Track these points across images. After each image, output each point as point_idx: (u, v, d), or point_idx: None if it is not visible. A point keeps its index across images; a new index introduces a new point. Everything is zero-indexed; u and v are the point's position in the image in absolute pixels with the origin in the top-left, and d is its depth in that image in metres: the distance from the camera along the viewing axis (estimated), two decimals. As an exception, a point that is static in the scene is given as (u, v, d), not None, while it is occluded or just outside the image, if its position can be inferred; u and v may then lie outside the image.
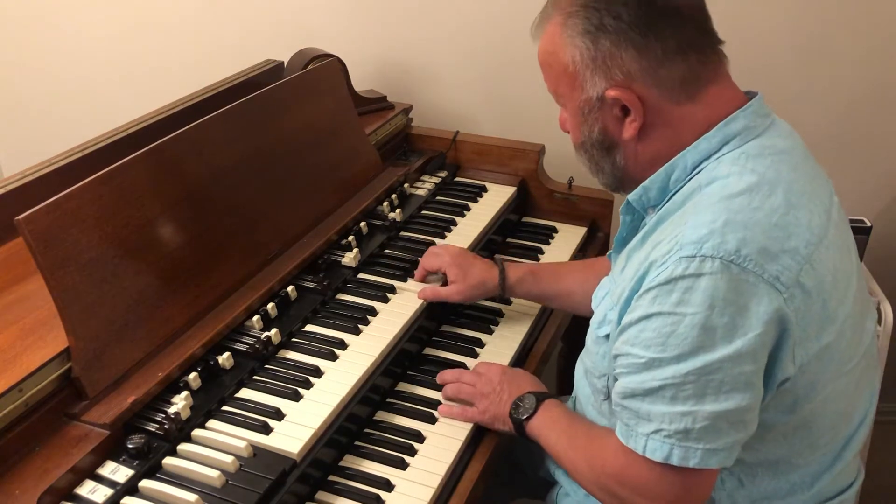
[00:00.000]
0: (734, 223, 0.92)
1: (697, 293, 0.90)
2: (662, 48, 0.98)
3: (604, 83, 1.00)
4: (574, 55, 1.01)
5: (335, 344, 1.32)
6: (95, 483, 1.05)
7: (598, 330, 1.13)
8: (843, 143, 1.92)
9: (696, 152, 1.01)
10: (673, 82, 0.99)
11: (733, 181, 0.96)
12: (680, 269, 0.92)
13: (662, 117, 1.01)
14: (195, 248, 1.31)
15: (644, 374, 0.95)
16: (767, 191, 0.95)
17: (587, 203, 1.81)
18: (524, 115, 2.12)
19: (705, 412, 0.92)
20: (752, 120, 1.01)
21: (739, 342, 0.90)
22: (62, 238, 1.13)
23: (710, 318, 0.90)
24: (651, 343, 0.94)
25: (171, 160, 1.32)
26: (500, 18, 2.03)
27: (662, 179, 1.04)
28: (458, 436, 1.24)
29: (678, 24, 0.98)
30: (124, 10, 2.38)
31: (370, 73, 2.16)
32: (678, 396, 0.93)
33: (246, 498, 1.04)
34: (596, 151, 1.08)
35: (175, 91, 1.80)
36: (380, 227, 1.63)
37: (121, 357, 1.17)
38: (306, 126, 1.60)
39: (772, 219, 0.93)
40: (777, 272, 0.91)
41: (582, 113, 1.05)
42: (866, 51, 1.84)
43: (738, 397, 0.92)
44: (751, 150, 0.99)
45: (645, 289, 0.95)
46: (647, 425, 0.96)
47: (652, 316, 0.94)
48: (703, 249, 0.91)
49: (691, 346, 0.91)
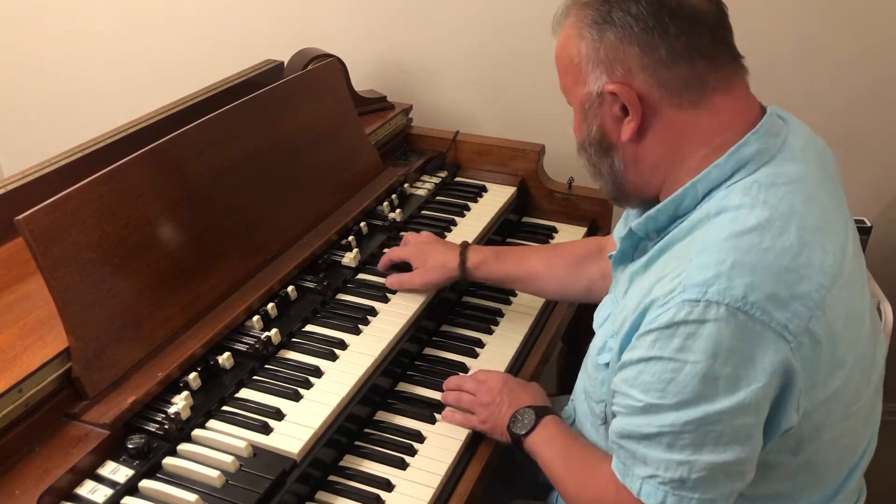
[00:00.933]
0: (742, 265, 0.86)
1: (700, 340, 0.86)
2: (668, 49, 0.93)
3: (605, 77, 0.97)
4: (580, 46, 0.98)
5: (335, 344, 1.32)
6: (95, 483, 1.05)
7: (599, 357, 1.09)
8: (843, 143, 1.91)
9: (708, 180, 0.96)
10: (676, 85, 0.95)
11: (743, 215, 0.90)
12: (682, 313, 0.87)
13: (662, 120, 0.97)
14: (195, 248, 1.31)
15: (641, 418, 0.92)
16: (779, 228, 0.89)
17: (587, 203, 1.81)
18: (524, 115, 2.12)
19: (702, 462, 0.89)
20: (764, 142, 0.96)
21: (742, 394, 0.86)
22: (62, 238, 1.13)
23: (712, 367, 0.86)
24: (650, 388, 0.91)
25: (171, 160, 1.32)
26: (501, 18, 2.03)
27: (671, 209, 0.99)
28: (458, 436, 1.24)
29: (689, 28, 0.94)
30: (124, 10, 2.38)
31: (370, 73, 2.16)
32: (675, 444, 0.90)
33: (246, 498, 1.04)
34: (594, 152, 1.04)
35: (175, 91, 1.80)
36: (380, 227, 1.63)
37: (121, 357, 1.17)
38: (306, 126, 1.60)
39: (783, 261, 0.88)
40: (786, 320, 0.86)
41: (583, 109, 1.01)
42: (866, 50, 1.84)
43: (738, 449, 0.89)
44: (763, 179, 0.93)
45: (645, 329, 0.91)
46: (643, 468, 0.94)
47: (651, 360, 0.90)
48: (708, 294, 0.86)
49: (692, 396, 0.88)
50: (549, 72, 2.14)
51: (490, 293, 1.58)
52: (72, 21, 2.46)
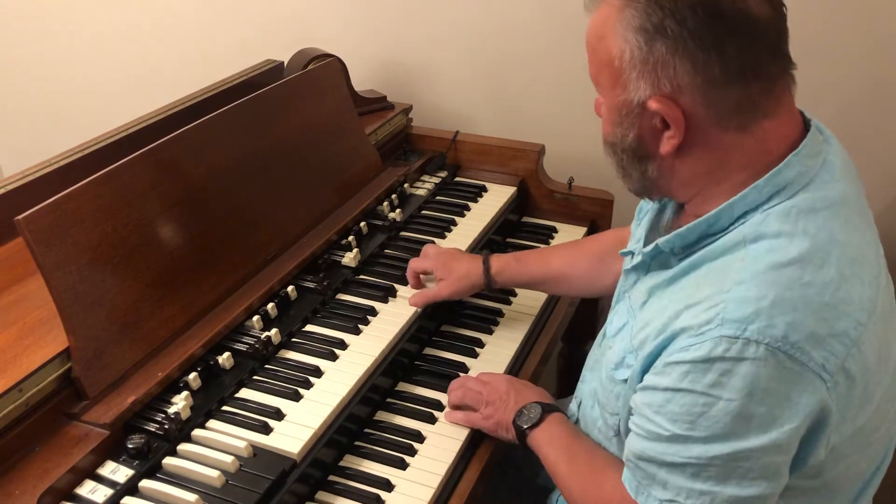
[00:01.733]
0: (783, 303, 0.83)
1: (737, 378, 0.83)
2: (723, 69, 0.86)
3: (649, 90, 0.89)
4: (623, 50, 0.90)
5: (335, 344, 1.32)
6: (95, 483, 1.05)
7: (616, 372, 1.04)
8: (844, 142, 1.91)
9: (744, 203, 0.91)
10: (726, 108, 0.89)
11: (783, 245, 0.87)
12: (720, 349, 0.84)
13: (705, 140, 0.91)
14: (195, 247, 1.31)
15: (666, 446, 0.90)
16: (820, 261, 0.86)
17: (587, 203, 1.81)
18: (524, 115, 2.12)
19: (725, 495, 0.87)
20: (804, 164, 0.91)
21: (775, 433, 0.84)
22: (62, 238, 1.13)
23: (747, 406, 0.84)
24: (678, 419, 0.88)
25: (171, 160, 1.32)
26: (501, 18, 2.03)
27: (704, 229, 0.94)
28: (458, 436, 1.24)
29: (747, 45, 0.86)
30: (124, 11, 2.38)
31: (370, 73, 2.16)
32: (700, 475, 0.88)
33: (246, 498, 1.04)
34: (626, 157, 0.98)
35: (175, 91, 1.80)
36: (380, 227, 1.63)
37: (121, 357, 1.17)
38: (306, 126, 1.60)
39: (823, 297, 0.85)
40: (823, 360, 0.84)
41: (619, 113, 0.94)
42: (866, 50, 1.83)
43: (763, 485, 0.87)
44: (802, 204, 0.89)
45: (676, 359, 0.88)
46: (661, 492, 0.92)
47: (681, 391, 0.87)
48: (747, 332, 0.83)
49: (723, 431, 0.85)
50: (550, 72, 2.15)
51: (490, 293, 1.57)
52: (72, 21, 2.46)
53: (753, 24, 0.87)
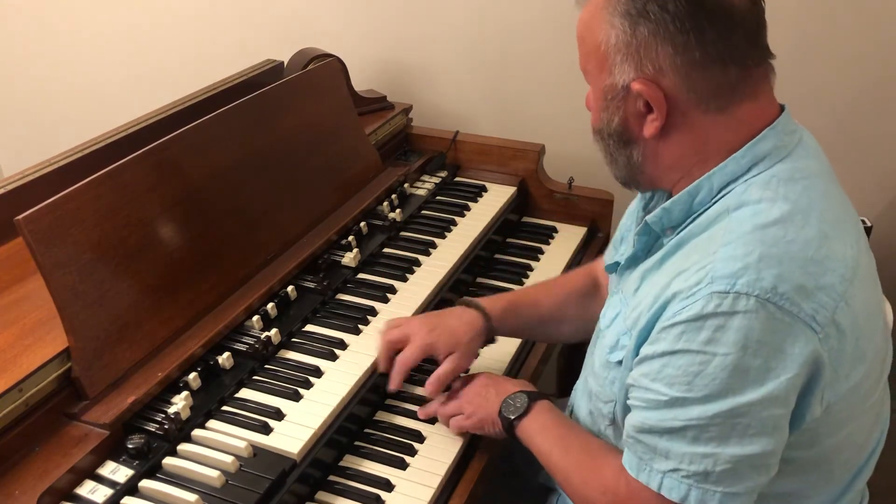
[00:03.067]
0: (770, 257, 0.86)
1: (730, 332, 0.85)
2: (702, 52, 0.90)
3: (632, 72, 0.94)
4: (609, 35, 0.94)
5: (335, 344, 1.32)
6: (95, 483, 1.05)
7: (611, 355, 1.06)
8: (843, 143, 1.92)
9: (724, 174, 0.95)
10: (705, 89, 0.92)
11: (765, 208, 0.90)
12: (711, 305, 0.86)
13: (687, 122, 0.95)
14: (195, 247, 1.31)
15: (665, 412, 0.91)
16: (801, 221, 0.89)
17: (587, 203, 1.81)
18: (524, 115, 2.12)
19: (728, 455, 0.88)
20: (780, 138, 0.95)
21: (771, 385, 0.86)
22: (62, 238, 1.13)
23: (742, 359, 0.85)
24: (675, 381, 0.89)
25: (171, 160, 1.32)
26: (501, 18, 2.03)
27: (686, 201, 0.98)
28: (458, 436, 1.24)
29: (726, 30, 0.91)
30: (124, 11, 2.39)
31: (370, 73, 2.17)
32: (700, 437, 0.89)
33: (246, 498, 1.04)
34: (612, 142, 1.01)
35: (175, 91, 1.81)
36: (380, 227, 1.63)
37: (121, 357, 1.17)
38: (306, 126, 1.60)
39: (807, 252, 0.88)
40: (813, 311, 0.86)
41: (605, 98, 0.98)
42: (866, 50, 1.83)
43: (764, 441, 0.88)
44: (781, 174, 0.93)
45: (670, 322, 0.90)
46: (664, 462, 0.92)
47: (677, 353, 0.89)
48: (737, 285, 0.85)
49: (720, 388, 0.86)
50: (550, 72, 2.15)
51: (489, 293, 1.57)
52: (72, 21, 2.46)
53: (732, 12, 0.91)
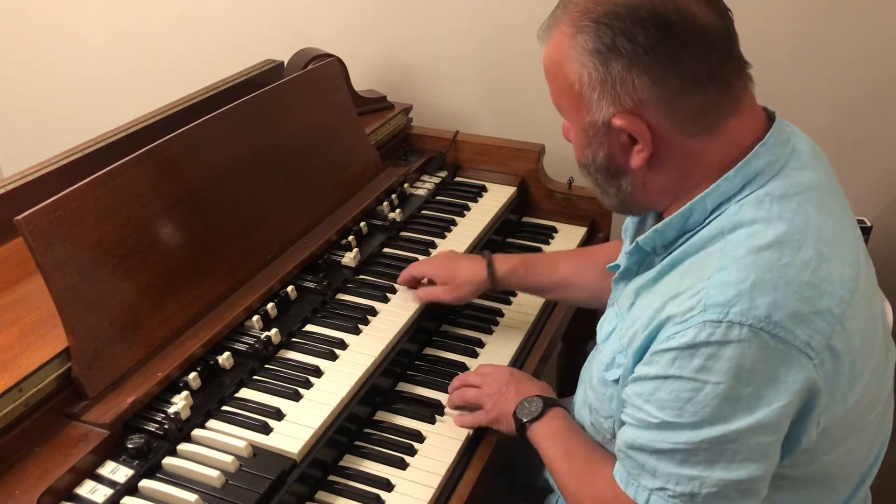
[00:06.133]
0: (764, 284, 0.85)
1: (722, 362, 0.85)
2: (680, 78, 0.88)
3: (611, 109, 0.92)
4: (581, 74, 0.92)
5: (335, 344, 1.32)
6: (95, 483, 1.05)
7: (607, 373, 1.06)
8: (843, 143, 1.92)
9: (717, 194, 0.93)
10: (688, 114, 0.91)
11: (760, 230, 0.89)
12: (704, 334, 0.85)
13: (674, 149, 0.93)
14: (195, 247, 1.31)
15: (655, 434, 0.91)
16: (797, 242, 0.88)
17: (587, 203, 1.81)
18: (524, 115, 2.12)
19: (715, 479, 0.88)
20: (773, 153, 0.93)
21: (762, 413, 0.85)
22: (62, 238, 1.13)
23: (734, 388, 0.85)
24: (666, 405, 0.89)
25: (171, 160, 1.32)
26: (501, 18, 2.03)
27: (679, 223, 0.97)
28: (458, 436, 1.24)
29: (700, 52, 0.89)
30: (124, 11, 2.38)
31: (370, 73, 2.16)
32: (688, 461, 0.89)
33: (246, 498, 1.04)
34: (601, 176, 1.00)
35: (175, 91, 1.81)
36: (380, 227, 1.63)
37: (121, 357, 1.17)
38: (306, 126, 1.60)
39: (803, 276, 0.86)
40: (808, 337, 0.85)
41: (587, 135, 0.97)
42: (866, 50, 1.83)
43: (752, 467, 0.87)
44: (775, 191, 0.91)
45: (663, 347, 0.89)
46: (651, 480, 0.92)
47: (670, 378, 0.88)
48: (730, 314, 0.84)
49: (710, 415, 0.86)
50: (550, 72, 2.12)
51: (490, 293, 1.58)
52: (72, 21, 2.46)
53: (703, 31, 0.89)
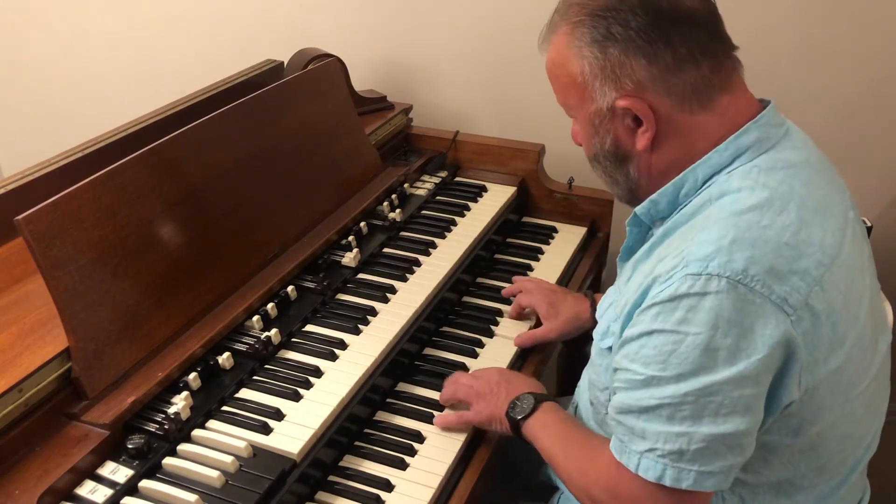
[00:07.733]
0: (742, 241, 0.89)
1: (701, 313, 0.88)
2: (673, 56, 0.95)
3: (614, 93, 0.98)
4: (583, 66, 0.99)
5: (335, 344, 1.32)
6: (95, 483, 1.05)
7: (602, 342, 1.11)
8: (843, 143, 1.92)
9: (708, 166, 0.99)
10: (685, 91, 0.97)
11: (744, 196, 0.94)
12: (684, 286, 0.89)
13: (675, 127, 0.99)
14: (195, 247, 1.31)
15: (641, 392, 0.93)
16: (779, 207, 0.92)
17: (587, 203, 1.81)
18: (524, 115, 2.12)
19: (701, 434, 0.90)
20: (764, 131, 0.99)
21: (742, 364, 0.88)
22: (62, 238, 1.13)
23: (713, 338, 0.88)
24: (651, 360, 0.92)
25: (171, 160, 1.32)
26: (501, 18, 2.03)
27: (672, 192, 1.02)
28: (458, 436, 1.24)
29: (688, 31, 0.96)
30: (124, 11, 2.38)
31: (370, 73, 2.17)
32: (675, 416, 0.91)
33: (246, 498, 1.04)
34: (609, 163, 1.06)
35: (175, 91, 1.81)
36: (380, 227, 1.63)
37: (121, 357, 1.17)
38: (306, 126, 1.60)
39: (782, 237, 0.90)
40: (785, 293, 0.88)
41: (593, 124, 1.03)
42: (866, 50, 1.84)
43: (737, 421, 0.89)
44: (763, 164, 0.97)
45: (648, 304, 0.93)
46: (641, 443, 0.94)
47: (653, 333, 0.92)
48: (709, 267, 0.88)
49: (692, 367, 0.89)
50: (550, 72, 2.12)
51: (490, 293, 1.58)
52: (72, 21, 2.46)
53: (689, 12, 0.96)
